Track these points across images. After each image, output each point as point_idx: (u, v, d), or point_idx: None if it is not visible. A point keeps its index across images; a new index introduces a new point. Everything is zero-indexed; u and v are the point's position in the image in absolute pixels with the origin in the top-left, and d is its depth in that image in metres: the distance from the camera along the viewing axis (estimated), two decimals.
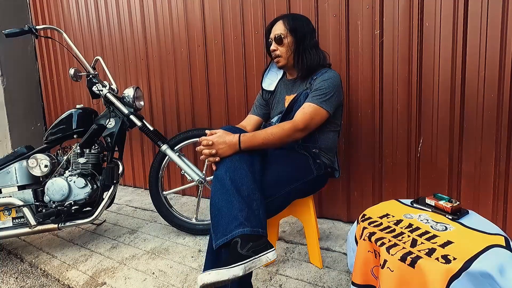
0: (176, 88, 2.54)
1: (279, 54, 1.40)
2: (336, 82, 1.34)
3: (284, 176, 1.27)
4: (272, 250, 1.04)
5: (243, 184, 1.11)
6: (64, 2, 3.09)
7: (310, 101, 1.31)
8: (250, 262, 0.99)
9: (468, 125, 1.57)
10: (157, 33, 2.55)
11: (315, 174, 1.35)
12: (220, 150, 1.18)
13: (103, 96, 1.78)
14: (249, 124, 1.58)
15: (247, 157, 1.18)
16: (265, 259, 1.02)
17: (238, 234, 1.04)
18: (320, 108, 1.30)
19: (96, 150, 1.81)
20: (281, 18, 1.41)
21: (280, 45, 1.39)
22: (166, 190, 2.01)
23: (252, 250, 1.02)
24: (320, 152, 1.40)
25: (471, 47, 1.52)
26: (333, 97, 1.32)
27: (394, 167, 1.76)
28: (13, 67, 3.24)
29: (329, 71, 1.37)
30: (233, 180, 1.11)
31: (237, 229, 1.05)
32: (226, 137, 1.19)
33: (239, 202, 1.08)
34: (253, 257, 1.00)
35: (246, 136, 1.20)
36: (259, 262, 1.01)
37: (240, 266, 0.97)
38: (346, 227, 1.88)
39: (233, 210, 1.07)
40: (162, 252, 1.75)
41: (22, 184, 1.80)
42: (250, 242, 1.03)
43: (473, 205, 1.60)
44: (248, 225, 1.06)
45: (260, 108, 1.60)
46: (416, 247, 0.94)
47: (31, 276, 1.68)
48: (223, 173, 1.14)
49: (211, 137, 1.21)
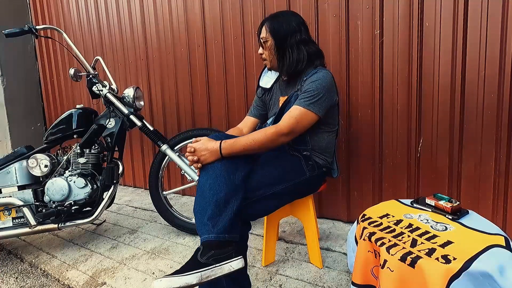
0: (176, 88, 2.54)
1: (264, 57, 1.42)
2: (326, 82, 1.29)
3: (273, 177, 1.26)
4: (237, 259, 1.03)
5: (221, 191, 1.11)
6: (64, 2, 3.09)
7: (297, 103, 1.28)
8: (209, 270, 0.99)
9: (468, 125, 1.57)
10: (157, 33, 2.55)
11: (308, 175, 1.34)
12: (202, 157, 1.19)
13: (103, 96, 1.78)
14: (245, 126, 1.58)
15: (230, 164, 1.18)
16: (227, 268, 1.01)
17: (203, 241, 1.07)
18: (308, 111, 1.26)
19: (96, 150, 1.81)
20: (265, 21, 1.40)
21: (265, 48, 1.39)
22: (166, 190, 2.02)
23: (213, 258, 1.02)
24: (313, 153, 1.37)
25: (471, 47, 1.52)
26: (322, 98, 1.27)
27: (394, 167, 1.76)
28: (13, 67, 3.24)
29: (319, 71, 1.31)
30: (212, 188, 1.12)
31: (203, 235, 1.08)
32: (208, 144, 1.20)
33: (212, 210, 1.09)
34: (213, 265, 1.00)
35: (227, 143, 1.19)
36: (220, 271, 1.00)
37: (195, 275, 0.97)
38: (346, 227, 1.88)
39: (205, 217, 1.09)
40: (162, 252, 1.75)
41: (22, 184, 1.80)
42: (212, 250, 1.04)
43: (473, 205, 1.60)
44: (213, 231, 1.07)
45: (257, 109, 1.59)
46: (416, 247, 0.94)
47: (31, 276, 1.68)
48: (204, 181, 1.16)
49: (194, 144, 1.22)
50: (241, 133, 1.54)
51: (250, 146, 1.21)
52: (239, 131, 1.55)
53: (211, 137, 1.25)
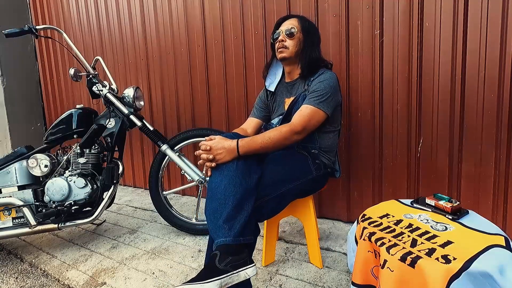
0: (176, 88, 2.54)
1: (286, 45, 1.40)
2: (333, 82, 1.34)
3: (281, 176, 1.27)
4: (251, 266, 1.03)
5: (237, 193, 1.10)
6: (64, 2, 3.09)
7: (307, 103, 1.32)
8: (227, 277, 0.98)
9: (468, 125, 1.57)
10: (157, 33, 2.55)
11: (314, 174, 1.35)
12: (218, 156, 1.18)
13: (103, 96, 1.78)
14: (249, 127, 1.59)
15: (244, 165, 1.17)
16: (243, 275, 1.00)
17: (219, 244, 1.05)
18: (318, 109, 1.30)
19: (96, 150, 1.81)
20: (296, 16, 1.44)
21: (291, 38, 1.39)
22: (166, 190, 2.01)
23: (230, 264, 1.01)
24: (320, 152, 1.40)
25: (471, 47, 1.52)
26: (330, 97, 1.32)
27: (394, 167, 1.76)
28: (13, 67, 3.24)
29: (325, 73, 1.37)
30: (227, 189, 1.11)
31: (219, 238, 1.06)
32: (225, 142, 1.19)
33: (228, 212, 1.08)
34: (231, 272, 0.99)
35: (244, 141, 1.20)
36: (236, 278, 0.99)
37: (216, 282, 0.96)
38: (346, 227, 1.88)
39: (220, 219, 1.08)
40: (162, 252, 1.75)
41: (22, 184, 1.80)
42: (229, 256, 1.02)
43: (473, 205, 1.60)
44: (230, 234, 1.06)
45: (260, 110, 1.60)
46: (416, 247, 0.94)
47: (31, 276, 1.68)
48: (218, 182, 1.14)
49: (209, 142, 1.21)
50: (246, 133, 1.55)
51: (267, 144, 1.22)
52: (243, 131, 1.56)
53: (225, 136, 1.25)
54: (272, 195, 1.22)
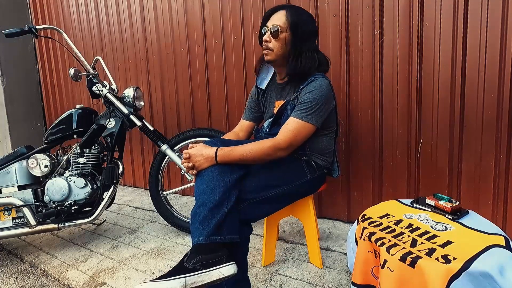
0: (176, 88, 2.54)
1: (271, 47, 1.28)
2: (323, 92, 1.25)
3: (273, 179, 1.26)
4: (228, 265, 0.99)
5: (214, 195, 1.10)
6: (64, 2, 3.09)
7: (294, 115, 1.25)
8: (195, 276, 0.95)
9: (468, 125, 1.57)
10: (157, 33, 2.55)
11: (309, 176, 1.34)
12: (197, 163, 1.18)
13: (103, 96, 1.78)
14: (241, 130, 1.56)
15: (224, 167, 1.17)
16: (216, 274, 0.97)
17: (193, 244, 1.05)
18: (305, 123, 1.24)
19: (96, 150, 1.81)
20: (285, 7, 1.29)
21: (275, 38, 1.27)
22: (166, 190, 2.02)
23: (200, 263, 0.98)
24: (312, 156, 1.37)
25: (471, 47, 1.52)
26: (319, 109, 1.24)
27: (394, 167, 1.76)
28: (13, 67, 3.24)
29: (316, 80, 1.26)
30: (205, 192, 1.12)
31: (194, 238, 1.07)
32: (204, 150, 1.19)
33: (204, 214, 1.08)
34: (200, 271, 0.96)
35: (224, 151, 1.18)
36: (208, 277, 0.96)
37: (179, 280, 0.94)
38: (346, 227, 1.88)
39: (197, 221, 1.09)
40: (162, 252, 1.75)
41: (22, 184, 1.80)
42: (199, 254, 1.01)
43: (473, 205, 1.60)
44: (203, 233, 1.05)
45: (251, 111, 1.56)
46: (416, 247, 0.94)
47: (31, 276, 1.68)
48: (198, 186, 1.15)
49: (190, 150, 1.22)
50: (237, 137, 1.53)
51: (247, 157, 1.19)
52: (235, 135, 1.54)
53: (207, 143, 1.24)
54: (264, 196, 1.22)
